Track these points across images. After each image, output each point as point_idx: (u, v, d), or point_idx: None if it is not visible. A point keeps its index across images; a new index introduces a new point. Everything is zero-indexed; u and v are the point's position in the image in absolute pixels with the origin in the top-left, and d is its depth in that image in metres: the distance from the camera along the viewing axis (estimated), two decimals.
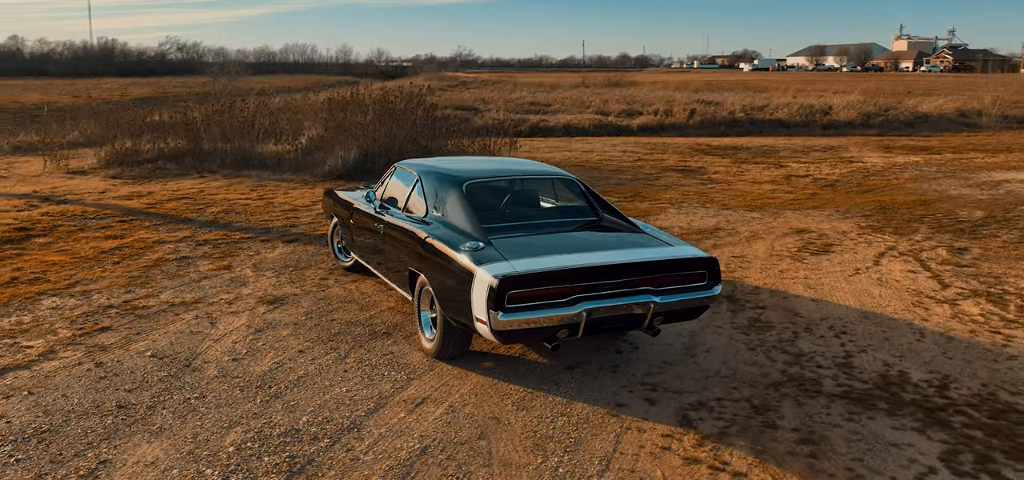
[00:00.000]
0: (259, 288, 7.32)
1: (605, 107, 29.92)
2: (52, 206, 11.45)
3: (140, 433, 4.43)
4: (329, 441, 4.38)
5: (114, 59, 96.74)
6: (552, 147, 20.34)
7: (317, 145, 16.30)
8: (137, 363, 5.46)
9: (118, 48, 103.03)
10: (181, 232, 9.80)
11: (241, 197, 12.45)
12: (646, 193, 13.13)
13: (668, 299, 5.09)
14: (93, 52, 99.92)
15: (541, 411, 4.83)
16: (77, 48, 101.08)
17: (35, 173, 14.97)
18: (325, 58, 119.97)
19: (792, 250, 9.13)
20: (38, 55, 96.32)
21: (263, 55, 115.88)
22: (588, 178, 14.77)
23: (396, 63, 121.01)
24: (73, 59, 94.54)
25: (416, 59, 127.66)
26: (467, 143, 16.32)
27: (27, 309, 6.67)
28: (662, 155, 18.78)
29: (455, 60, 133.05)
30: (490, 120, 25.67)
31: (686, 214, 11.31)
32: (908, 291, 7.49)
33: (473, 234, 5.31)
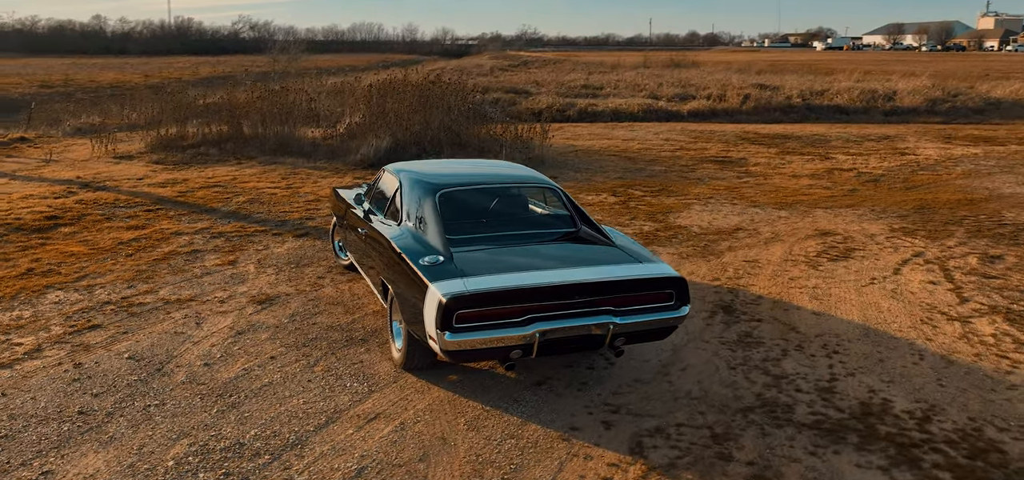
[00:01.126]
0: (255, 286, 7.41)
1: (658, 91, 29.36)
2: (89, 193, 11.84)
3: (91, 442, 4.53)
4: (269, 457, 4.40)
5: (189, 38, 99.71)
6: (593, 134, 20.06)
7: (355, 131, 16.43)
8: (113, 365, 5.58)
9: (193, 27, 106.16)
10: (201, 223, 10.01)
11: (270, 185, 12.65)
12: (675, 186, 12.82)
13: (629, 320, 4.94)
14: (170, 31, 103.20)
15: (492, 432, 4.75)
16: (155, 27, 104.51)
17: (84, 158, 15.51)
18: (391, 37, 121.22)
19: (810, 255, 8.78)
20: (119, 34, 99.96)
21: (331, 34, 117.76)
22: (622, 168, 14.54)
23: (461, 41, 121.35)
24: (151, 38, 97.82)
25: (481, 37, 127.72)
26: (500, 130, 16.19)
27: (30, 303, 6.90)
28: (705, 144, 18.32)
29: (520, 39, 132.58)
30: (538, 104, 25.49)
31: (711, 211, 11.00)
32: (921, 305, 7.11)
33: (437, 246, 5.25)
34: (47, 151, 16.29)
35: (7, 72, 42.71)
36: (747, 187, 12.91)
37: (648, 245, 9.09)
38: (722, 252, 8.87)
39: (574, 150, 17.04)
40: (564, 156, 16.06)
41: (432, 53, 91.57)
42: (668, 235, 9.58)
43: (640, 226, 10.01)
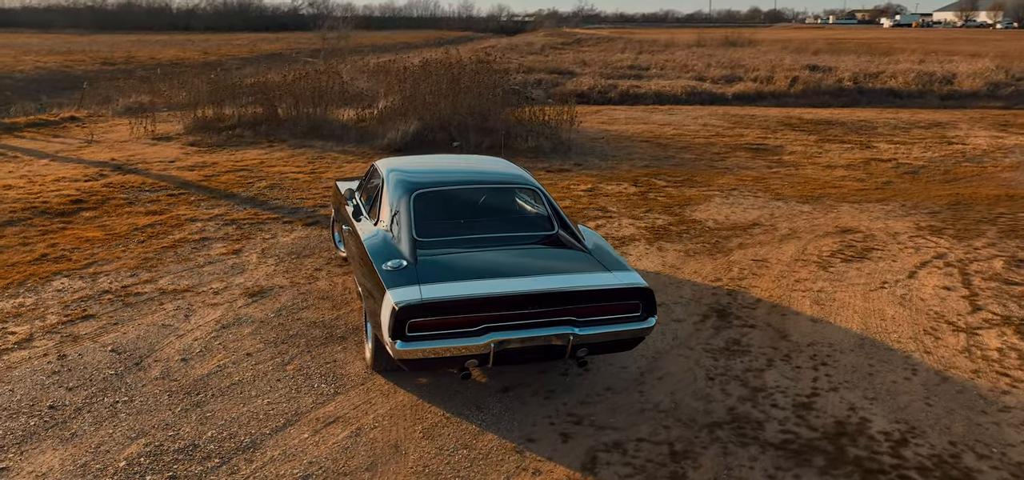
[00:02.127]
0: (252, 278, 7.50)
1: (706, 72, 28.74)
2: (118, 176, 12.16)
3: (52, 439, 4.64)
4: (219, 461, 4.44)
5: (250, 14, 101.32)
6: (630, 118, 19.75)
7: (387, 115, 16.47)
8: (95, 358, 5.72)
9: (255, 4, 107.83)
10: (218, 209, 10.18)
11: (295, 170, 12.80)
12: (701, 176, 12.53)
13: (591, 331, 4.83)
14: (232, 8, 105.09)
15: (446, 441, 4.71)
16: (218, 4, 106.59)
17: (123, 138, 15.94)
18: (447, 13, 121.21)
19: (823, 255, 8.47)
20: (184, 10, 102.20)
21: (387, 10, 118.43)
22: (651, 155, 14.28)
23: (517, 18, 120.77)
24: (214, 14, 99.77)
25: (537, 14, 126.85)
26: (527, 114, 16.01)
27: (35, 290, 7.12)
28: (743, 130, 17.86)
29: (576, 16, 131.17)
30: (580, 86, 25.23)
31: (731, 204, 10.71)
32: (928, 314, 6.80)
33: (404, 250, 5.21)
34: (90, 132, 16.77)
35: (74, 49, 44.11)
36: (776, 178, 12.54)
37: (658, 240, 8.92)
38: (731, 250, 8.63)
39: (606, 135, 16.80)
40: (593, 141, 15.85)
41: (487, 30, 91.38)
42: (680, 230, 9.36)
43: (654, 219, 9.81)
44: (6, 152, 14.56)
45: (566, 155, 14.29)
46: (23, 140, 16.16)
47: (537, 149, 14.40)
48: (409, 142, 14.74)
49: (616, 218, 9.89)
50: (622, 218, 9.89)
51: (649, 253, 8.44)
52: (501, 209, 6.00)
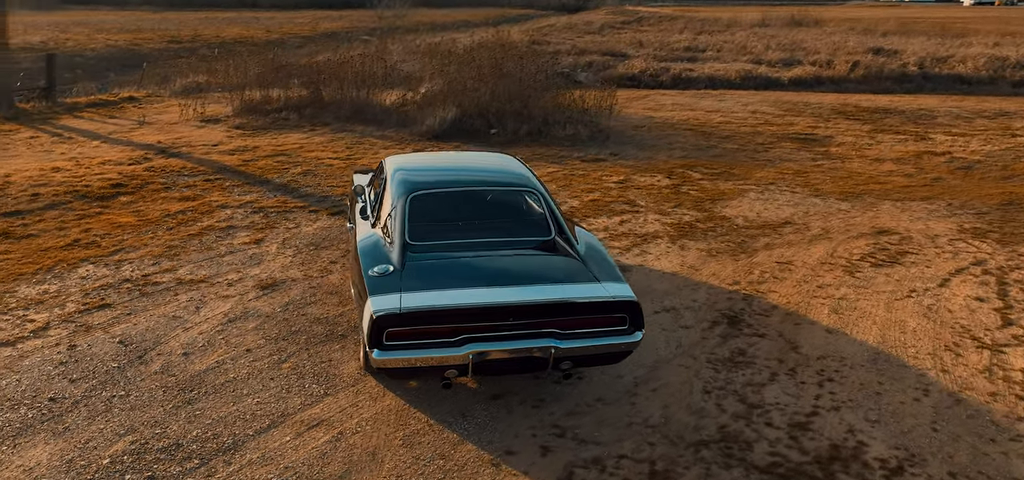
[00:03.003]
0: (268, 269, 7.61)
1: (764, 54, 27.95)
2: (161, 160, 12.49)
3: (46, 433, 4.80)
4: (198, 462, 4.53)
5: None
6: (678, 103, 19.35)
7: (429, 100, 16.49)
8: (103, 349, 5.88)
9: None
10: (249, 196, 10.36)
11: (331, 155, 12.93)
12: (739, 169, 12.19)
13: (573, 344, 4.74)
14: None
15: (424, 450, 4.70)
16: None
17: (173, 120, 16.36)
18: None
19: (853, 258, 8.16)
20: None
21: None
22: (692, 145, 13.98)
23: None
24: None
25: None
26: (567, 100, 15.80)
27: (60, 277, 7.37)
28: (794, 118, 17.31)
29: None
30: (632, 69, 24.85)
31: (765, 200, 10.40)
32: (953, 328, 6.48)
33: (393, 254, 5.20)
34: (143, 113, 17.26)
35: (144, 27, 45.47)
36: (818, 172, 12.12)
37: (682, 238, 8.72)
38: (756, 250, 8.39)
39: (649, 123, 16.49)
40: (635, 129, 15.58)
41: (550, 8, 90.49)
42: (706, 228, 9.14)
43: (681, 215, 9.60)
44: (62, 133, 15.09)
45: (603, 144, 14.10)
46: (81, 121, 16.73)
47: (574, 137, 14.23)
48: (447, 129, 14.73)
49: (643, 213, 9.70)
50: (649, 213, 9.70)
51: (670, 252, 8.26)
52: (499, 212, 5.92)
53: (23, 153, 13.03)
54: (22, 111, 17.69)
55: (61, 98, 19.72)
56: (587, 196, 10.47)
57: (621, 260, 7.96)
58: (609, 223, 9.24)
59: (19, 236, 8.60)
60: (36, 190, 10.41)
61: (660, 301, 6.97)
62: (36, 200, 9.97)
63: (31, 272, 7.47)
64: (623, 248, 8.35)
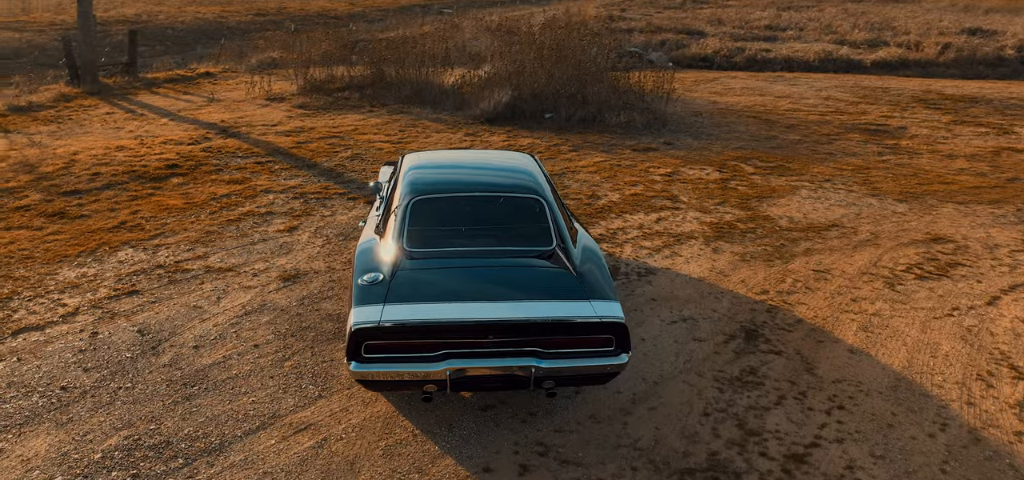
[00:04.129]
0: (294, 260, 7.75)
1: (849, 34, 26.68)
2: (219, 140, 12.87)
3: (50, 423, 5.03)
4: (182, 462, 4.66)
5: None
6: (747, 87, 18.69)
7: (488, 82, 16.42)
8: (121, 338, 6.12)
9: None
10: (295, 180, 10.57)
11: (383, 139, 13.06)
12: (796, 163, 11.70)
13: (555, 364, 4.64)
14: None
15: (402, 462, 4.71)
16: None
17: (240, 98, 16.82)
18: None
19: (897, 269, 7.73)
20: None
21: None
22: (751, 134, 13.50)
23: None
24: None
25: None
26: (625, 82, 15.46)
27: (101, 260, 7.69)
28: (868, 106, 16.48)
29: None
30: (705, 49, 24.16)
31: (817, 199, 9.96)
32: (992, 354, 6.07)
33: (385, 261, 5.19)
34: (212, 91, 17.81)
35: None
36: (880, 168, 11.51)
37: (718, 239, 8.44)
38: (794, 256, 8.04)
39: (711, 109, 16.00)
40: (694, 116, 15.14)
41: None
42: (746, 228, 8.81)
43: (723, 214, 9.28)
44: (136, 110, 15.74)
45: (659, 132, 13.76)
46: (156, 97, 17.40)
47: (629, 125, 13.93)
48: (501, 112, 14.65)
49: (683, 210, 9.43)
50: (689, 211, 9.42)
51: (701, 255, 8.01)
52: (501, 220, 5.81)
53: (95, 130, 13.65)
54: (105, 86, 18.51)
55: (142, 73, 20.54)
56: (629, 189, 10.24)
57: (648, 263, 7.76)
58: (645, 220, 9.02)
59: (73, 216, 9.01)
60: (98, 169, 10.88)
61: (678, 310, 6.76)
62: (95, 180, 10.43)
63: (74, 254, 7.82)
64: (653, 248, 8.14)
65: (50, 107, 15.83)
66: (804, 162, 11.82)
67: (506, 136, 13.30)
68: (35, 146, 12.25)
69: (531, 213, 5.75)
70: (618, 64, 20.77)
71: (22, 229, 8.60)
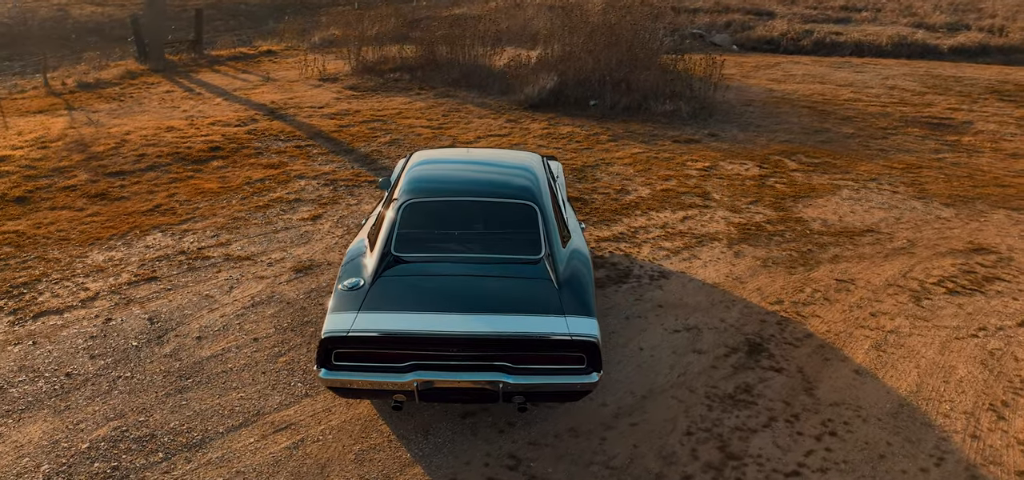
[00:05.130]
0: (311, 250, 7.89)
1: (929, 16, 25.40)
2: (265, 122, 13.16)
3: (49, 410, 5.27)
4: (162, 456, 4.83)
5: None
6: (808, 74, 18.02)
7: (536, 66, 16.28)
8: (131, 326, 6.36)
9: None
10: (330, 166, 10.74)
11: (425, 124, 13.12)
12: (843, 160, 11.25)
13: (525, 380, 4.61)
14: None
15: (371, 469, 4.77)
16: None
17: (293, 78, 17.15)
18: None
19: (928, 282, 7.37)
20: None
21: None
22: (802, 127, 13.06)
23: None
24: None
25: None
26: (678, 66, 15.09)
27: (130, 244, 7.99)
28: (936, 97, 15.69)
29: None
30: (772, 31, 23.40)
31: (857, 200, 9.56)
32: (1011, 381, 5.75)
33: (369, 267, 5.23)
34: (267, 70, 18.20)
35: None
36: (934, 167, 10.96)
37: (742, 242, 8.21)
38: (820, 263, 7.75)
39: (766, 97, 15.49)
40: (746, 106, 14.69)
41: None
42: (776, 230, 8.53)
43: (753, 214, 9.01)
44: (195, 89, 16.22)
45: (705, 122, 13.41)
46: (216, 75, 17.89)
47: (674, 114, 13.62)
48: (545, 98, 14.52)
49: (712, 209, 9.19)
50: (719, 209, 9.18)
51: (721, 259, 7.80)
52: (493, 226, 5.76)
53: (152, 109, 14.14)
54: (170, 64, 19.13)
55: (207, 51, 21.14)
56: (661, 185, 10.04)
57: (663, 265, 7.60)
58: (670, 219, 8.83)
59: (113, 198, 9.37)
60: (145, 150, 11.28)
61: (684, 318, 6.61)
62: (141, 161, 10.81)
63: (106, 237, 8.14)
64: (672, 250, 7.96)
65: (115, 84, 16.44)
66: (852, 158, 11.35)
67: (547, 123, 13.20)
68: (92, 124, 12.77)
69: (523, 220, 5.68)
70: (679, 46, 20.30)
71: (65, 209, 8.99)
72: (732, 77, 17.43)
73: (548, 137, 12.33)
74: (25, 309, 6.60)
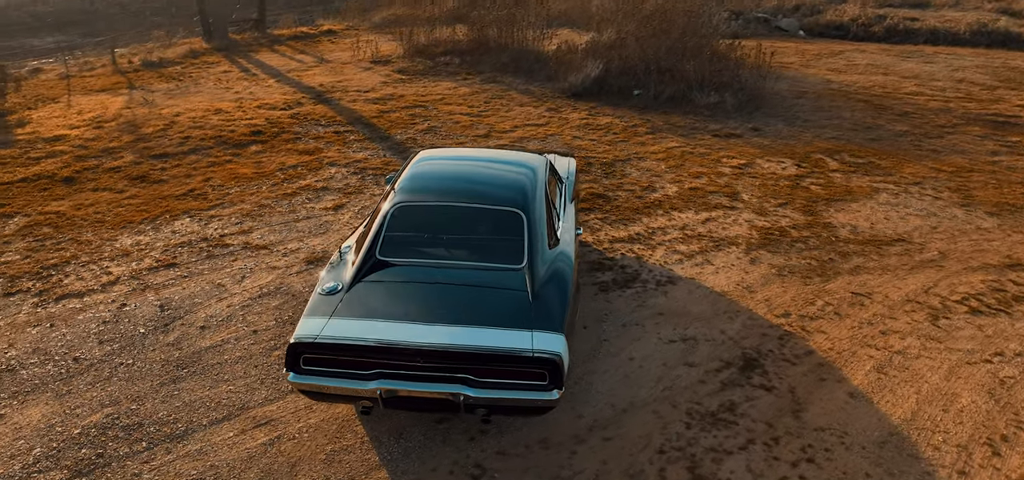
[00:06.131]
0: (327, 241, 8.08)
1: (1016, 2, 24.02)
2: (311, 105, 13.46)
3: (51, 393, 5.58)
4: (146, 446, 5.06)
5: None
6: (873, 64, 17.31)
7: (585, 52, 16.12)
8: (143, 312, 6.66)
9: None
10: (363, 153, 10.93)
11: (465, 111, 13.20)
12: (889, 160, 10.81)
13: (486, 393, 4.64)
14: None
15: (339, 469, 4.89)
16: None
17: (345, 60, 17.44)
18: None
19: (951, 299, 7.06)
20: None
21: None
22: (853, 122, 12.60)
23: None
24: None
25: None
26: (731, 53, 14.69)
27: (157, 228, 8.34)
28: (1007, 93, 14.87)
29: None
30: (842, 16, 22.57)
31: (894, 206, 9.20)
32: (1018, 414, 5.48)
33: (349, 269, 5.33)
34: (321, 51, 18.55)
35: None
36: (986, 171, 10.42)
37: (760, 248, 8.02)
38: (838, 274, 7.51)
39: (821, 88, 14.96)
40: (798, 97, 14.23)
41: None
42: (799, 236, 8.29)
43: (780, 218, 8.77)
44: (251, 69, 16.69)
45: (750, 115, 13.06)
46: (274, 55, 18.35)
47: (718, 106, 13.31)
48: (589, 86, 14.39)
49: (738, 211, 8.99)
50: (745, 212, 8.97)
51: (734, 265, 7.63)
52: (479, 232, 5.76)
53: (206, 90, 14.62)
54: (232, 43, 19.70)
55: (270, 29, 21.66)
56: (690, 182, 9.85)
57: (673, 270, 7.49)
58: (692, 220, 8.67)
59: (152, 181, 9.77)
60: (190, 133, 11.70)
61: (683, 328, 6.51)
62: (185, 144, 11.22)
63: (138, 221, 8.51)
64: (686, 254, 7.83)
65: (178, 63, 17.05)
66: (899, 159, 10.89)
67: (587, 113, 13.08)
68: (147, 105, 13.30)
69: (508, 227, 5.67)
70: (741, 31, 19.76)
71: (106, 191, 9.43)
72: (790, 65, 16.92)
73: (585, 128, 12.23)
74: (50, 291, 6.97)
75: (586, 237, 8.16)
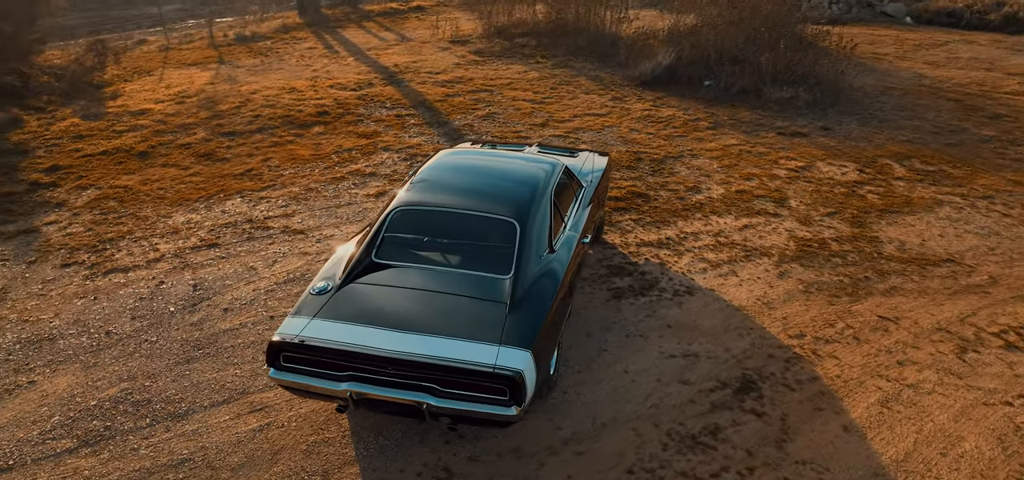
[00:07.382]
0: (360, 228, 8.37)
1: None
2: (380, 86, 13.84)
3: (80, 364, 6.10)
4: (149, 423, 5.49)
5: None
6: (974, 58, 16.19)
7: (666, 38, 15.80)
8: (177, 291, 7.14)
9: None
10: (419, 138, 11.20)
11: (529, 97, 13.26)
12: (961, 169, 10.19)
13: (449, 403, 4.79)
14: None
15: (315, 461, 5.16)
16: None
17: (425, 39, 17.75)
18: None
19: (988, 331, 6.69)
20: None
21: None
22: (936, 124, 11.93)
23: None
24: None
25: None
26: (818, 40, 14.07)
27: (210, 207, 8.87)
28: None
29: None
30: (953, 1, 21.18)
31: (954, 221, 8.71)
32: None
33: (339, 268, 5.57)
34: (406, 29, 18.92)
35: None
36: None
37: (795, 261, 7.79)
38: (870, 294, 7.22)
39: (910, 84, 14.14)
40: (882, 93, 13.51)
41: None
42: (839, 250, 7.99)
43: (823, 228, 8.47)
44: (333, 46, 17.24)
45: (823, 112, 12.54)
46: (360, 32, 18.87)
47: (790, 102, 12.82)
48: (660, 75, 14.13)
49: (781, 218, 8.73)
50: (788, 220, 8.70)
51: (760, 278, 7.45)
52: (474, 238, 5.87)
53: (288, 67, 15.24)
54: (324, 17, 20.36)
55: (361, 4, 22.23)
56: (739, 185, 9.61)
57: (694, 280, 7.38)
58: (729, 226, 8.49)
59: (216, 159, 10.35)
60: (262, 111, 12.27)
61: (688, 343, 6.45)
62: (254, 122, 11.79)
63: (194, 199, 9.06)
64: (713, 263, 7.70)
65: (268, 38, 17.80)
66: (974, 168, 10.24)
67: (651, 104, 12.89)
68: (229, 81, 14.00)
69: (501, 235, 5.76)
70: (842, 16, 18.92)
71: (174, 167, 10.06)
72: (884, 57, 16.07)
73: (645, 120, 12.07)
74: (101, 265, 7.56)
75: (614, 239, 8.12)
